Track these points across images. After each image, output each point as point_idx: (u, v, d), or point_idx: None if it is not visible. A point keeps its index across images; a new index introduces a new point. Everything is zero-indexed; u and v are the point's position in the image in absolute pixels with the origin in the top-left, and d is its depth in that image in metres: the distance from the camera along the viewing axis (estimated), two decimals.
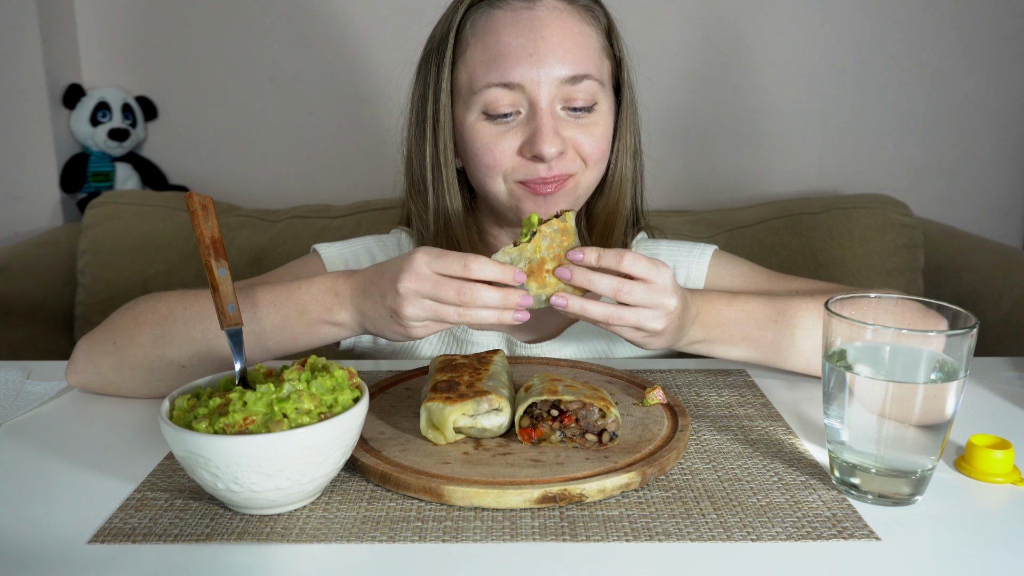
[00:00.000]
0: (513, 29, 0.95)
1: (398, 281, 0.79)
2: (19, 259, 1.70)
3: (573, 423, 0.75)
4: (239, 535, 0.64)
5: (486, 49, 0.96)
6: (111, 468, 0.74)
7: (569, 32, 0.96)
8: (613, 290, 0.80)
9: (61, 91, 1.92)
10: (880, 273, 1.69)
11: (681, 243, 1.11)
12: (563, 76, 0.94)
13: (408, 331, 0.82)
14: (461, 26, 0.98)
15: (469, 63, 0.97)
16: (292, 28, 1.96)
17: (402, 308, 0.79)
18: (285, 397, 0.66)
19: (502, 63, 0.94)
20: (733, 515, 0.66)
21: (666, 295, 0.81)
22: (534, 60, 0.94)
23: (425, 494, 0.68)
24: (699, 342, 0.92)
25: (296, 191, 2.01)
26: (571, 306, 0.80)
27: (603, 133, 0.99)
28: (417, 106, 1.03)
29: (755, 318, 0.92)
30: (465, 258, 0.78)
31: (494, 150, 0.96)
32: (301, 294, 0.87)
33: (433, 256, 0.79)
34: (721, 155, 2.03)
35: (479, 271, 0.78)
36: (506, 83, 0.94)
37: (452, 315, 0.79)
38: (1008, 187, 2.09)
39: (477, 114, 0.97)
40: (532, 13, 0.95)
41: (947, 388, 0.66)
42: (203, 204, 0.75)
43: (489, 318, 0.79)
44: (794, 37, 1.97)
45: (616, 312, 0.80)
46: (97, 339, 0.90)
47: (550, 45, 0.94)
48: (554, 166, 0.95)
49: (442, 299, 0.78)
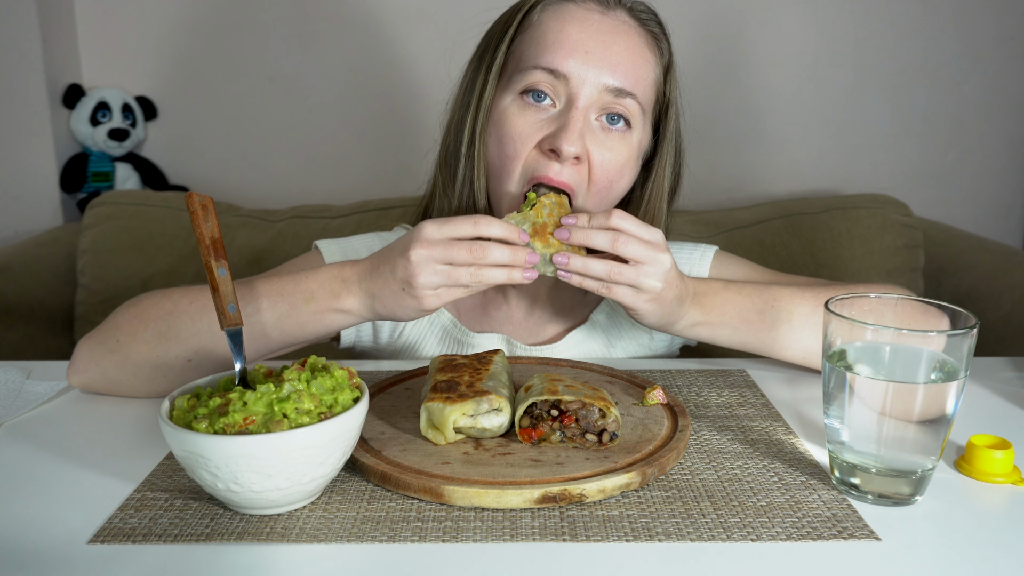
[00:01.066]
0: (580, 25, 0.95)
1: (409, 250, 0.81)
2: (19, 259, 1.70)
3: (573, 423, 0.75)
4: (239, 535, 0.64)
5: (547, 33, 0.95)
6: (111, 468, 0.74)
7: (631, 49, 0.96)
8: (609, 241, 0.83)
9: (61, 91, 1.92)
10: (880, 273, 1.69)
11: (682, 244, 1.11)
12: (610, 85, 0.93)
13: (422, 302, 0.83)
14: (532, 8, 0.98)
15: (525, 42, 0.97)
16: (292, 28, 1.96)
17: (415, 277, 0.81)
18: (285, 397, 0.66)
19: (557, 50, 0.94)
20: (733, 515, 0.66)
21: (660, 250, 0.84)
22: (589, 58, 0.93)
23: (425, 494, 0.68)
24: (698, 324, 0.92)
25: (296, 191, 2.01)
26: (573, 264, 0.84)
27: (620, 161, 0.96)
28: (468, 79, 1.02)
29: (752, 301, 0.93)
30: (473, 217, 0.82)
31: (518, 141, 0.94)
32: (308, 283, 0.87)
33: (440, 223, 0.82)
34: (721, 155, 2.03)
35: (487, 229, 0.82)
36: (553, 69, 0.93)
37: (465, 276, 0.81)
38: (1008, 187, 2.09)
39: (514, 95, 0.96)
40: (603, 18, 0.96)
41: (947, 388, 0.66)
42: (203, 204, 0.75)
43: (500, 276, 0.82)
44: (794, 37, 1.97)
45: (616, 267, 0.83)
46: (99, 338, 0.90)
47: (609, 51, 0.94)
48: (564, 172, 0.93)
49: (455, 261, 0.81)
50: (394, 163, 2.02)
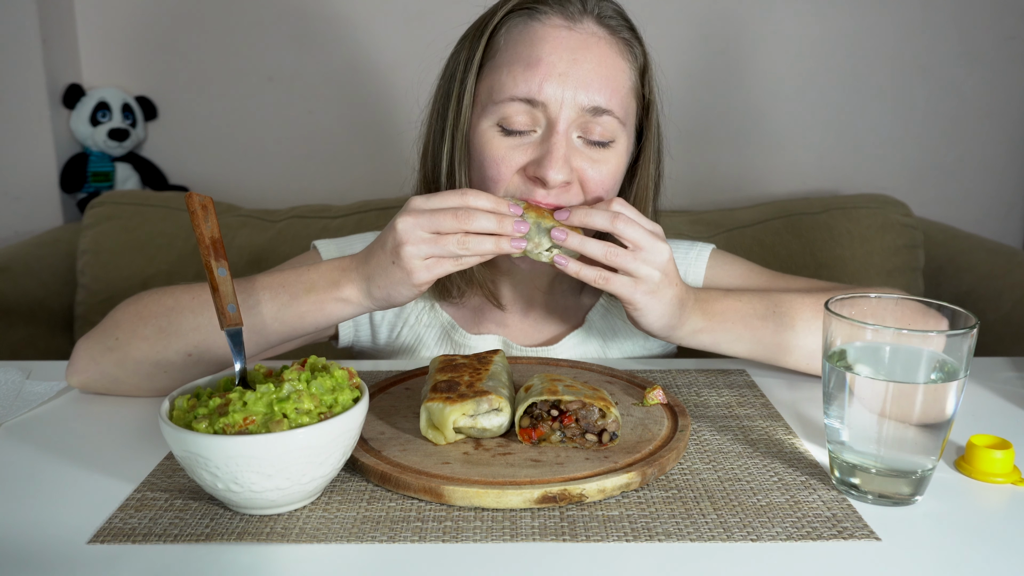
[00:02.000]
0: (550, 45, 0.92)
1: (396, 219, 0.82)
2: (19, 259, 1.70)
3: (573, 423, 0.75)
4: (239, 535, 0.64)
5: (517, 59, 0.92)
6: (111, 468, 0.74)
7: (604, 62, 0.93)
8: (609, 220, 0.83)
9: (61, 91, 1.92)
10: (880, 273, 1.69)
11: (679, 242, 1.11)
12: (586, 105, 0.91)
13: (411, 275, 0.82)
14: (496, 31, 0.96)
15: (497, 70, 0.94)
16: (292, 28, 1.96)
17: (402, 246, 0.81)
18: (285, 397, 0.66)
19: (530, 77, 0.91)
20: (733, 515, 0.66)
21: (659, 239, 0.85)
22: (563, 80, 0.90)
23: (425, 494, 0.68)
24: (700, 331, 0.92)
25: (296, 191, 2.01)
26: (571, 240, 0.84)
27: (611, 172, 0.95)
28: (439, 105, 1.01)
29: (753, 308, 0.93)
30: (459, 190, 0.84)
31: (500, 164, 0.93)
32: (310, 274, 0.88)
33: (429, 195, 0.83)
34: (721, 155, 2.03)
35: (475, 200, 0.82)
36: (530, 99, 0.91)
37: (453, 244, 0.81)
38: (1008, 187, 2.09)
39: (492, 124, 0.94)
40: (571, 33, 0.93)
41: (947, 388, 0.66)
42: (203, 204, 0.76)
43: (488, 245, 0.82)
44: (794, 37, 1.97)
45: (613, 250, 0.83)
46: (98, 337, 0.90)
47: (582, 70, 0.91)
48: (552, 195, 0.92)
49: (441, 228, 0.81)
50: (394, 163, 2.02)
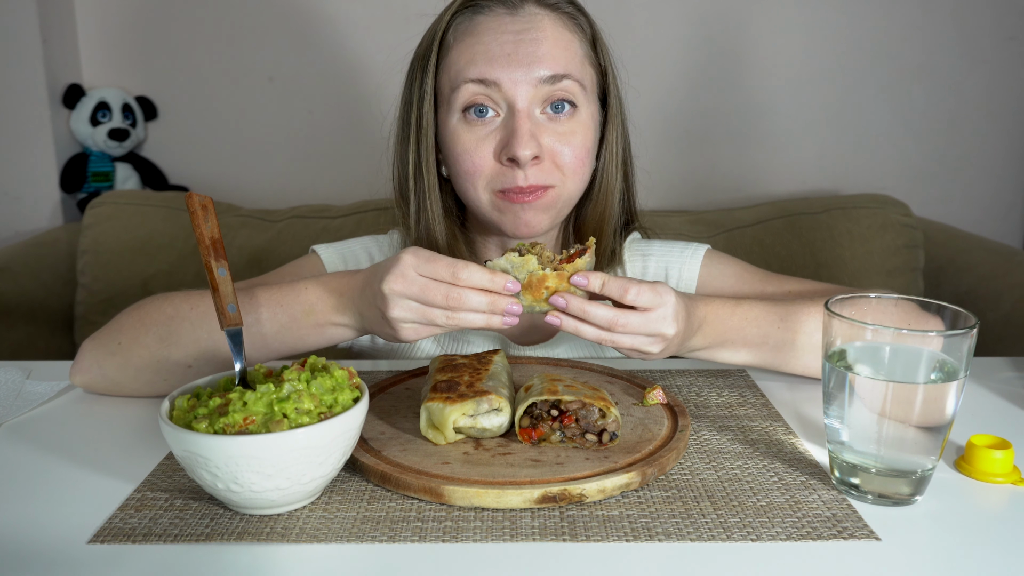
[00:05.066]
0: (493, 33, 0.95)
1: (383, 282, 0.78)
2: (19, 259, 1.70)
3: (573, 423, 0.75)
4: (239, 535, 0.64)
5: (465, 51, 0.96)
6: (111, 468, 0.74)
7: (550, 36, 0.96)
8: (608, 323, 0.77)
9: (61, 91, 1.92)
10: (880, 273, 1.69)
11: (673, 243, 1.11)
12: (542, 76, 0.94)
13: (397, 333, 0.80)
14: (445, 32, 0.99)
15: (451, 66, 0.97)
16: (292, 28, 1.96)
17: (388, 310, 0.79)
18: (285, 397, 0.66)
19: (480, 61, 0.94)
20: (733, 515, 0.66)
21: (665, 324, 0.79)
22: (512, 60, 0.94)
23: (425, 494, 0.68)
24: (701, 349, 0.90)
25: (296, 191, 2.01)
26: (566, 325, 0.79)
27: (582, 143, 0.97)
28: (402, 112, 1.04)
29: (758, 324, 0.90)
30: (454, 265, 0.76)
31: (473, 154, 0.96)
32: (308, 294, 0.87)
33: (422, 260, 0.77)
34: (721, 155, 2.03)
35: (468, 279, 0.76)
36: (483, 79, 0.94)
37: (440, 318, 0.77)
38: (1008, 187, 2.09)
39: (458, 115, 0.97)
40: (513, 19, 0.96)
41: (947, 388, 0.66)
42: (203, 204, 0.76)
43: (478, 321, 0.77)
44: (794, 37, 1.97)
45: (610, 337, 0.79)
46: (102, 340, 0.90)
47: (529, 47, 0.94)
48: (530, 175, 0.94)
49: (430, 302, 0.77)
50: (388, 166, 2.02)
